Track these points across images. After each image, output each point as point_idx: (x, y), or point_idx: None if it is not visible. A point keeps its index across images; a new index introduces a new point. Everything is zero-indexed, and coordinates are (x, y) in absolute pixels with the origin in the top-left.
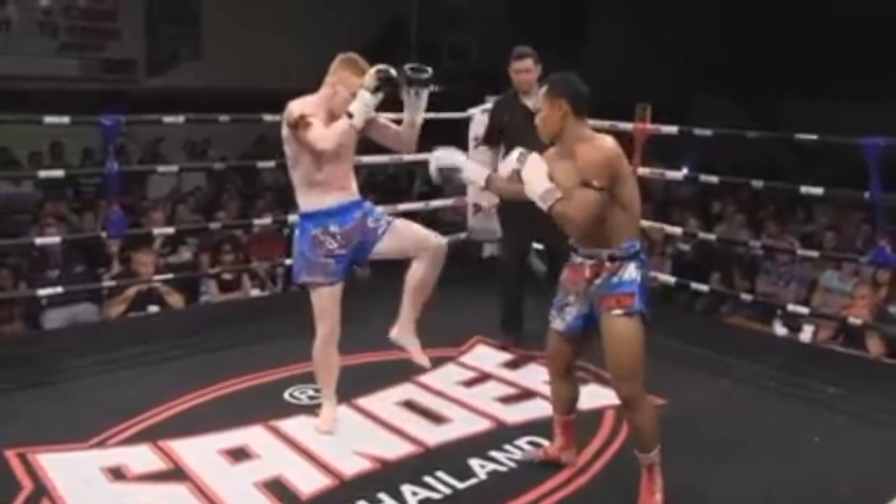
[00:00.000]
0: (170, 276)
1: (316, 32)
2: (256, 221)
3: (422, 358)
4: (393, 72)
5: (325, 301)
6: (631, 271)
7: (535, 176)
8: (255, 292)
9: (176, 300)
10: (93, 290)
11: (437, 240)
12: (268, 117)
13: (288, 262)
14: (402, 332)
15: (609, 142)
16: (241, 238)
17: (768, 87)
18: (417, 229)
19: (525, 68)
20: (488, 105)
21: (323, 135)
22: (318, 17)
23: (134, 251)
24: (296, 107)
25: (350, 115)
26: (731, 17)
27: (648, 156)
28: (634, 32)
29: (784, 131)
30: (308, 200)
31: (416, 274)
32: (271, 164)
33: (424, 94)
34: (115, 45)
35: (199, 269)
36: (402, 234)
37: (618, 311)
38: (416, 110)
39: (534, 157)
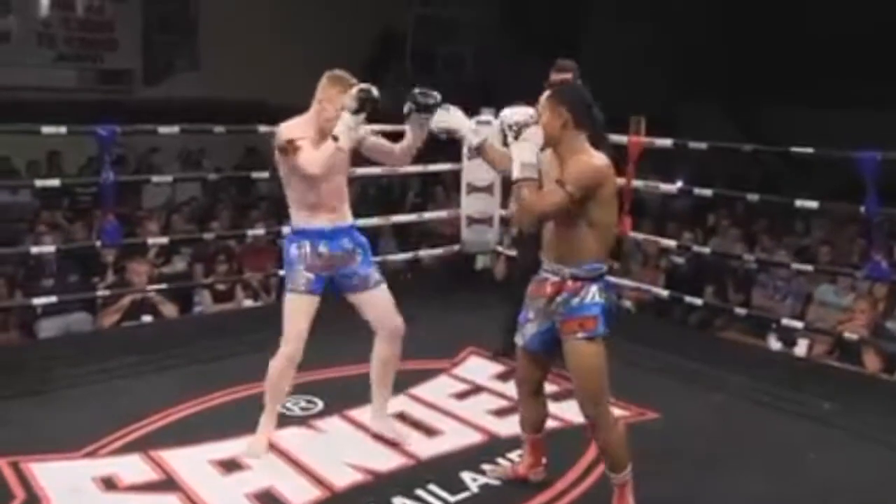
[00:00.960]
0: (164, 285)
1: (311, 44)
2: (250, 232)
3: (402, 436)
4: (374, 91)
5: (293, 306)
6: (594, 294)
7: (525, 150)
8: (249, 303)
9: (170, 310)
10: (87, 299)
11: (397, 320)
12: (262, 128)
13: (281, 272)
14: (377, 420)
15: (601, 159)
16: (234, 248)
17: (757, 96)
18: (387, 304)
19: (563, 81)
20: (483, 117)
21: (311, 159)
22: (314, 29)
23: (128, 261)
24: (284, 130)
25: (335, 138)
26: (721, 28)
27: (643, 168)
28: (627, 43)
29: (773, 140)
30: (300, 218)
31: (377, 356)
32: (265, 174)
33: (431, 119)
34: (112, 56)
35: (193, 280)
36: (376, 304)
37: (580, 335)
38: (420, 133)
39: (532, 132)
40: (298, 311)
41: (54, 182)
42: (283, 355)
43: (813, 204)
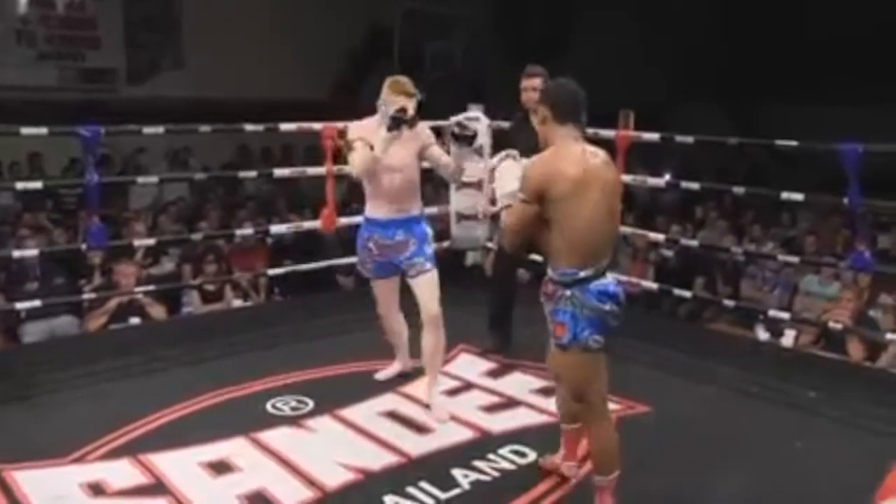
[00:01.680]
0: (151, 287)
1: (298, 42)
2: (238, 232)
3: (442, 419)
4: (410, 111)
5: (374, 288)
6: (565, 301)
7: (506, 177)
8: (238, 303)
9: (158, 311)
10: (73, 302)
11: (431, 308)
12: (249, 127)
13: (270, 271)
14: (427, 397)
15: (563, 157)
16: (223, 248)
17: (752, 92)
18: (427, 292)
19: (532, 86)
20: (471, 113)
21: (354, 162)
22: (300, 26)
23: (115, 263)
24: (350, 129)
25: (372, 147)
26: (714, 24)
27: (632, 162)
28: (618, 40)
29: (767, 136)
30: (367, 207)
31: (423, 343)
32: (253, 174)
33: (467, 149)
34: (95, 54)
35: (181, 280)
36: (418, 290)
37: (553, 341)
38: (459, 159)
39: (514, 159)
40: (375, 292)
41: (37, 185)
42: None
43: (798, 196)
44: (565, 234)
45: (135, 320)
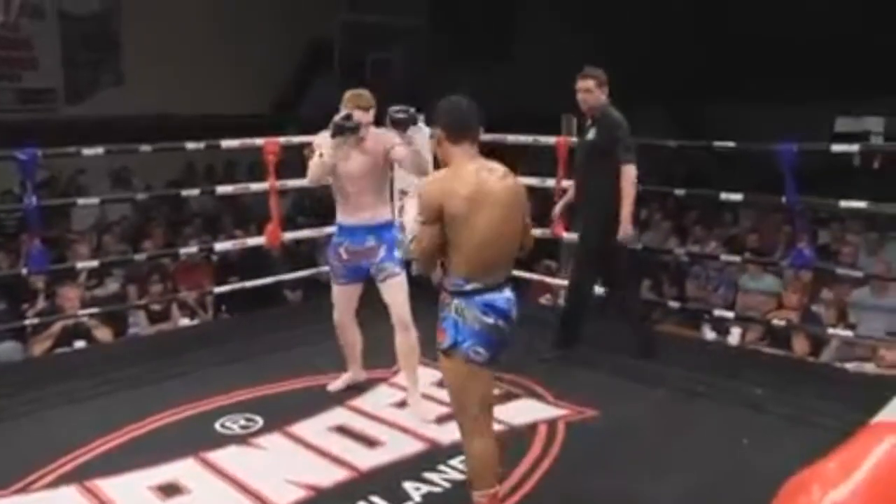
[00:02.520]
0: (96, 309)
1: (238, 56)
2: (183, 250)
3: (427, 419)
4: (352, 120)
5: (334, 294)
6: (450, 309)
7: (411, 211)
8: (185, 321)
9: (104, 334)
10: (16, 327)
11: (399, 312)
12: (190, 145)
13: (217, 289)
14: (410, 401)
15: (439, 178)
16: (168, 266)
17: (694, 93)
18: (396, 296)
19: (584, 88)
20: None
21: (309, 170)
22: (240, 41)
23: (59, 285)
24: (316, 138)
25: (321, 154)
26: (656, 26)
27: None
28: (560, 44)
29: (712, 136)
30: (338, 214)
31: (397, 345)
32: (195, 192)
33: (410, 130)
34: (32, 75)
35: (126, 301)
36: (387, 294)
37: (438, 345)
38: (408, 144)
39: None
40: (334, 298)
41: None
42: (334, 320)
43: (738, 196)
44: (461, 250)
45: (80, 343)
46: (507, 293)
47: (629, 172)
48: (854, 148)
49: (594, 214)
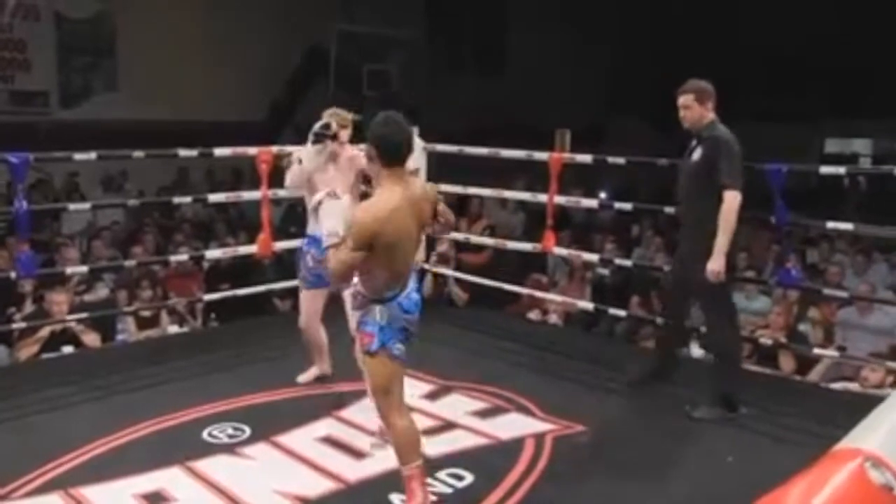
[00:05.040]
0: (85, 314)
1: (234, 63)
2: (173, 258)
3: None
4: (331, 128)
5: (302, 298)
6: (374, 314)
7: (329, 214)
8: (174, 328)
9: (92, 339)
10: (3, 331)
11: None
12: (182, 152)
13: (207, 296)
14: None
15: (374, 207)
16: (159, 273)
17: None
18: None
19: (682, 104)
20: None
21: (287, 174)
22: (236, 48)
23: (48, 290)
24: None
25: (300, 161)
26: (648, 41)
27: (570, 180)
28: (552, 59)
29: None
30: (308, 223)
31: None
32: (188, 199)
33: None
34: (26, 77)
35: (115, 307)
36: (348, 303)
37: (361, 348)
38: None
39: (341, 200)
40: (301, 302)
41: None
42: (300, 323)
43: None
44: (387, 268)
45: (68, 349)
46: (414, 295)
47: (732, 199)
48: (841, 170)
49: (694, 246)
